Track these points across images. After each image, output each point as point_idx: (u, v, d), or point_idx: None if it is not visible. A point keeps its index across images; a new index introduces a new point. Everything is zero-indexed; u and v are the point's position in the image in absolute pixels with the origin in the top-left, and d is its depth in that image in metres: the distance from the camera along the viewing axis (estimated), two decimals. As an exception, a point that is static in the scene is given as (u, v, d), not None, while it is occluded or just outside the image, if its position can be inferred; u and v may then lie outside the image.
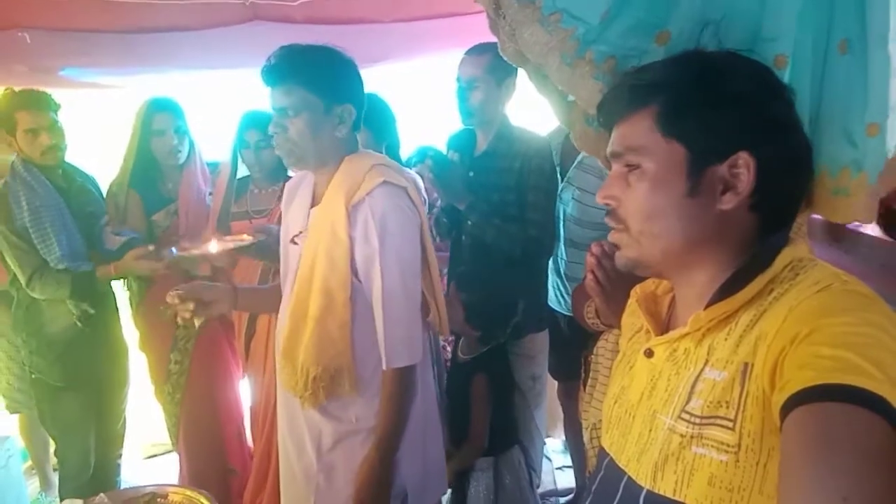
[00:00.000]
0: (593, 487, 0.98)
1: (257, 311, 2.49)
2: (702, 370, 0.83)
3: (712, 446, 0.78)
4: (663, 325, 0.97)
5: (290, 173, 2.80)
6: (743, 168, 0.82)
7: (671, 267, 0.89)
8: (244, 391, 2.99)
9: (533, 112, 2.75)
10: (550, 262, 2.63)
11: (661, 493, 0.82)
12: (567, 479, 3.25)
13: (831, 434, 0.64)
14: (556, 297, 2.65)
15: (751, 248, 0.86)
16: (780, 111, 0.84)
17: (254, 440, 2.90)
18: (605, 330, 1.68)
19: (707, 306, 0.85)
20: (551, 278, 2.63)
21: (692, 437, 0.80)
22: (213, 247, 2.30)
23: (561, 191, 2.47)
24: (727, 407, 0.77)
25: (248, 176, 2.80)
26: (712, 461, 0.77)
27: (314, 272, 1.69)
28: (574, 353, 2.60)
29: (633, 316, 1.06)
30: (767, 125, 0.83)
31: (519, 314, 2.25)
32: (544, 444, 2.83)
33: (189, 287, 1.83)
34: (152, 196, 2.74)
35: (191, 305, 1.76)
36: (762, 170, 0.82)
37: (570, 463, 3.25)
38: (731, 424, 0.77)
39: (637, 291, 1.04)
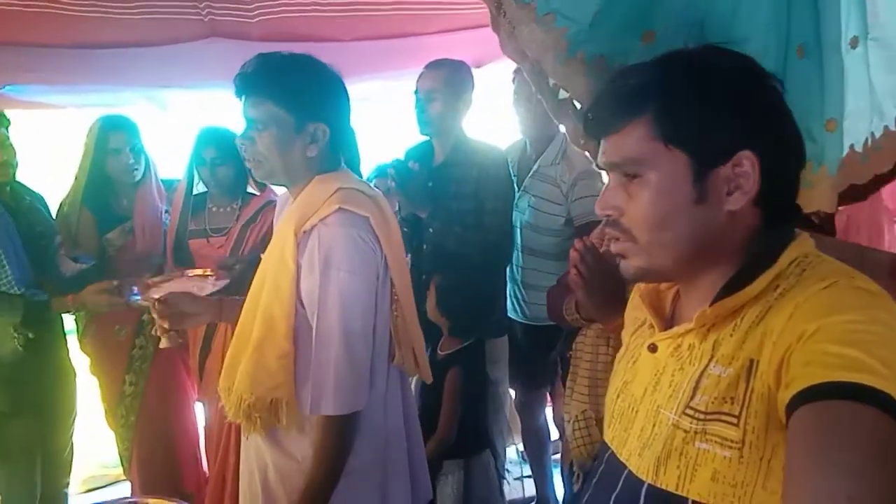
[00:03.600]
0: (593, 481, 0.98)
1: None
2: (706, 366, 0.83)
3: (716, 442, 0.78)
4: (667, 320, 0.96)
5: (249, 190, 2.81)
6: (748, 166, 0.81)
7: (681, 272, 0.89)
8: (199, 412, 2.93)
9: (491, 127, 2.85)
10: (507, 271, 2.69)
11: (664, 487, 0.82)
12: (524, 490, 3.26)
13: (837, 432, 0.64)
14: (513, 306, 2.71)
15: (756, 242, 0.85)
16: (772, 100, 0.84)
17: (209, 463, 2.84)
18: (584, 325, 1.75)
19: (713, 303, 0.84)
20: (508, 287, 2.70)
21: (696, 432, 0.80)
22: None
23: (517, 199, 2.56)
24: (731, 403, 0.78)
25: (206, 192, 2.78)
26: (716, 457, 0.78)
27: (259, 296, 1.58)
28: (531, 362, 2.67)
29: (637, 310, 1.06)
30: (763, 117, 0.82)
31: (497, 311, 2.28)
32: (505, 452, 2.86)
33: (173, 300, 1.74)
34: (105, 214, 2.68)
35: (165, 323, 1.69)
36: (764, 164, 0.81)
37: (526, 473, 3.28)
38: (735, 420, 0.77)
39: (640, 286, 1.03)
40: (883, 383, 0.65)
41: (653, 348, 0.93)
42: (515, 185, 2.57)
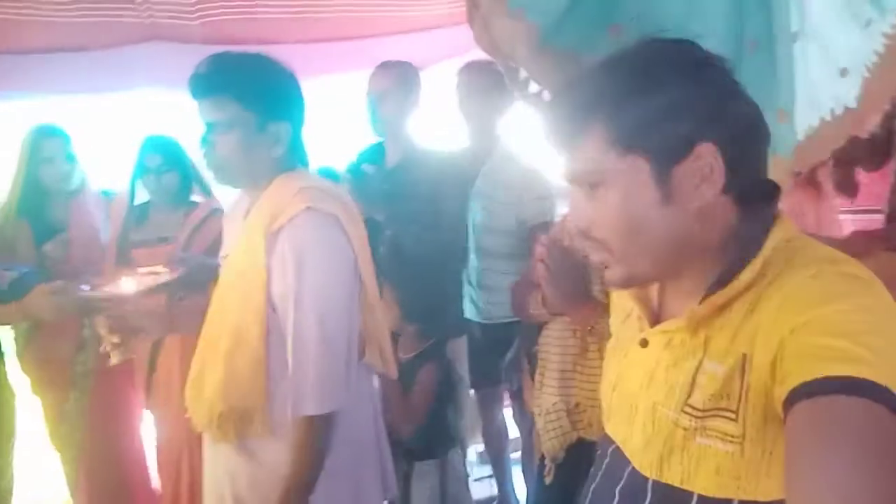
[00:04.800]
0: (598, 473, 0.98)
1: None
2: (701, 362, 0.82)
3: (716, 437, 0.78)
4: (654, 311, 0.95)
5: (193, 198, 2.73)
6: (709, 157, 0.78)
7: (666, 273, 0.87)
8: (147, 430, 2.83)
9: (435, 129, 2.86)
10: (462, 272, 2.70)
11: (668, 482, 0.83)
12: (482, 490, 3.28)
13: (834, 429, 0.64)
14: (469, 306, 2.72)
15: (736, 232, 0.83)
16: (721, 83, 0.81)
17: (161, 480, 2.73)
18: (549, 319, 1.78)
19: (702, 299, 0.83)
20: (464, 288, 2.70)
21: (695, 429, 0.80)
22: (128, 285, 2.09)
23: (469, 202, 2.56)
24: (728, 398, 0.77)
25: (149, 201, 2.69)
26: (717, 452, 0.78)
27: (226, 301, 1.54)
28: (489, 360, 2.69)
29: (622, 299, 1.04)
30: (714, 104, 0.80)
31: (457, 310, 2.28)
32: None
33: (121, 314, 1.68)
34: (42, 225, 2.57)
35: (115, 339, 1.62)
36: (726, 151, 0.78)
37: (485, 474, 3.29)
38: (733, 416, 0.77)
39: None
40: (876, 374, 0.64)
41: (644, 343, 0.91)
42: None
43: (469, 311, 2.70)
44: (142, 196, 2.69)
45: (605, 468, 0.97)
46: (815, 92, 1.33)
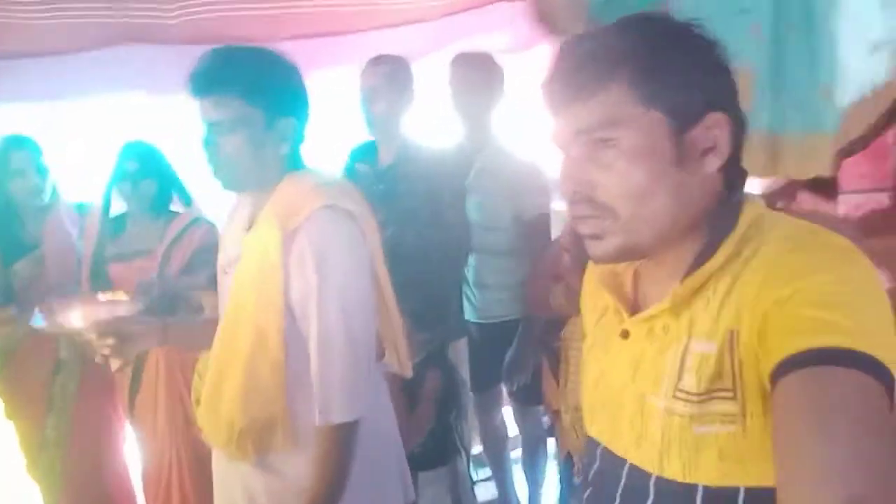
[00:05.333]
0: (590, 479, 0.95)
1: (191, 349, 2.15)
2: (687, 344, 0.80)
3: (716, 421, 0.76)
4: (630, 303, 0.92)
5: (172, 208, 2.60)
6: (717, 128, 0.79)
7: (658, 247, 0.84)
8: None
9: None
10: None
11: (671, 477, 0.80)
12: (482, 493, 3.22)
13: (822, 399, 0.64)
14: (466, 305, 2.66)
15: (716, 210, 0.83)
16: (727, 64, 0.83)
17: (148, 505, 2.60)
18: (571, 314, 1.73)
19: (683, 279, 0.82)
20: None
21: (692, 416, 0.78)
22: (77, 319, 1.92)
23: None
24: (722, 378, 0.76)
25: (125, 213, 2.55)
26: (719, 435, 0.76)
27: (243, 308, 1.45)
28: (487, 360, 2.63)
29: (594, 297, 1.01)
30: (725, 79, 0.82)
31: (459, 311, 2.21)
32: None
33: (109, 320, 1.57)
34: (12, 244, 2.43)
35: (110, 341, 1.50)
36: (730, 125, 0.80)
37: (481, 476, 3.23)
38: (730, 394, 0.75)
39: (595, 272, 0.98)
40: (861, 343, 0.65)
41: (625, 334, 0.88)
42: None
43: (467, 311, 2.64)
44: (119, 207, 2.55)
45: (595, 473, 0.93)
46: (853, 68, 1.31)
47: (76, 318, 1.58)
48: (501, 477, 2.92)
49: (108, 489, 2.61)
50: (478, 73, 2.43)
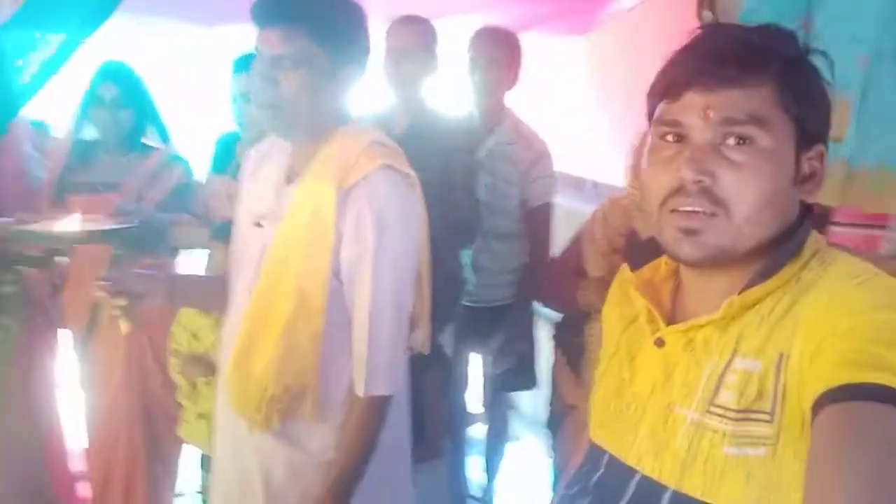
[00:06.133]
0: (590, 486, 0.91)
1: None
2: (730, 360, 0.78)
3: (748, 443, 0.74)
4: (667, 314, 0.90)
5: (145, 140, 2.36)
6: (818, 160, 0.80)
7: (747, 257, 0.80)
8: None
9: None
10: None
11: (689, 493, 0.78)
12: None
13: (861, 434, 0.63)
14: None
15: (785, 236, 0.81)
16: (830, 99, 0.83)
17: (88, 464, 2.41)
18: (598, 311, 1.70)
19: (741, 292, 0.79)
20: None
21: (725, 434, 0.76)
22: (75, 223, 1.76)
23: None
24: (763, 399, 0.74)
25: (94, 142, 2.30)
26: (748, 458, 0.74)
27: (286, 267, 1.37)
28: (469, 344, 2.58)
29: (624, 306, 0.98)
30: (829, 114, 0.82)
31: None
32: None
33: (118, 276, 1.42)
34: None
35: (122, 301, 1.36)
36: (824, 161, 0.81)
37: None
38: (768, 417, 0.74)
39: (633, 279, 0.94)
40: None
41: (660, 343, 0.86)
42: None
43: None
44: (88, 133, 2.29)
45: (598, 480, 0.90)
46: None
47: (64, 223, 1.41)
48: (456, 457, 2.90)
49: (41, 439, 2.38)
50: (502, 50, 2.33)
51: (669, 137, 0.81)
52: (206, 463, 2.23)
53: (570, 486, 0.95)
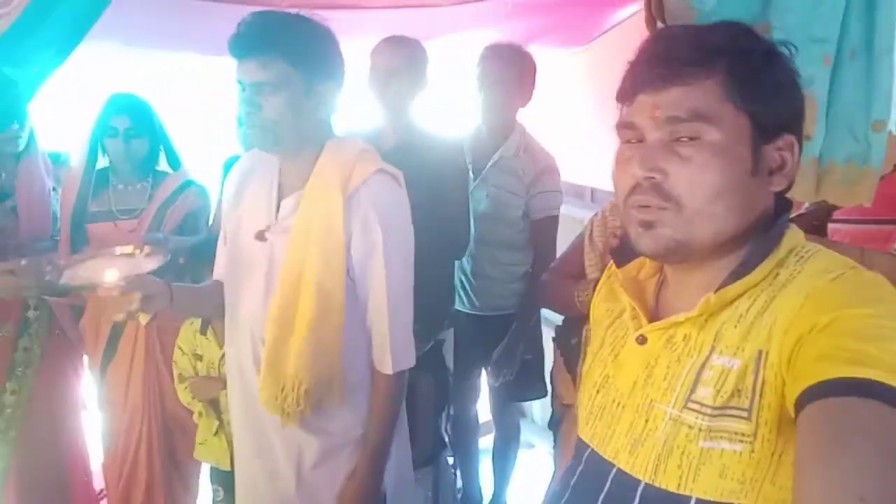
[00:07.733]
0: (571, 482, 0.94)
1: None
2: (708, 357, 0.80)
3: (724, 438, 0.76)
4: (651, 311, 0.92)
5: (159, 168, 2.46)
6: (788, 150, 0.81)
7: (708, 251, 0.83)
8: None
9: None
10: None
11: (662, 486, 0.80)
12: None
13: (847, 430, 0.64)
14: (460, 296, 2.63)
15: (761, 231, 0.83)
16: (801, 90, 0.85)
17: (107, 485, 2.46)
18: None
19: (717, 289, 0.81)
20: (455, 276, 2.61)
21: (701, 429, 0.78)
22: (111, 274, 1.76)
23: (473, 189, 2.46)
24: (740, 396, 0.76)
25: (106, 168, 2.40)
26: (723, 452, 0.76)
27: (304, 272, 1.49)
28: (473, 352, 2.61)
29: (610, 301, 1.01)
30: (800, 105, 0.84)
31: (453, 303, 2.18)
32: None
33: (133, 277, 1.48)
34: (-18, 193, 2.23)
35: (137, 298, 1.42)
36: (796, 151, 0.83)
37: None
38: (745, 414, 0.75)
39: (618, 276, 0.98)
40: (893, 378, 0.64)
41: (641, 340, 0.88)
42: (471, 174, 2.46)
43: (459, 302, 2.61)
44: (101, 162, 2.39)
45: (579, 475, 0.94)
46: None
47: (110, 273, 1.49)
48: (468, 467, 2.93)
49: (64, 461, 2.46)
50: (509, 67, 2.36)
51: (630, 140, 0.85)
52: (215, 476, 2.30)
53: (557, 481, 0.99)
